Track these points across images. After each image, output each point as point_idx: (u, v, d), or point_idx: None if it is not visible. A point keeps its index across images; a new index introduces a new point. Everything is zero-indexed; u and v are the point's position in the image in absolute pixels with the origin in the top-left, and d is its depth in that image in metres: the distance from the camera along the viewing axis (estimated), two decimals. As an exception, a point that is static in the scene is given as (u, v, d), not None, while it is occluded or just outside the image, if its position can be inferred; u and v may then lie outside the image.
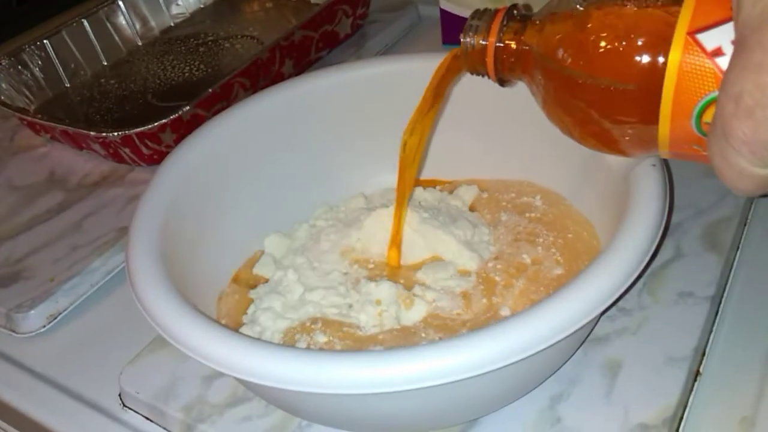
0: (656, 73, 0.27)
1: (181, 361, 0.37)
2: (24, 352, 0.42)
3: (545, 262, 0.36)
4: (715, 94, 0.25)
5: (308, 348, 0.33)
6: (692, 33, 0.26)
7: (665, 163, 0.33)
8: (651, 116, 0.27)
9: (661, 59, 0.26)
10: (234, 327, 0.37)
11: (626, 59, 0.27)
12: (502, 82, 0.34)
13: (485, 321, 0.34)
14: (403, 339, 0.33)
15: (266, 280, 0.39)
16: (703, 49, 0.26)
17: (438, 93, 0.36)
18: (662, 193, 0.31)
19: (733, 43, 0.24)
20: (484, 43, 0.33)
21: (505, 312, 0.34)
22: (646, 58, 0.27)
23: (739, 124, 0.22)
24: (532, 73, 0.32)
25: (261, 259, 0.40)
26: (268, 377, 0.27)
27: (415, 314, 0.35)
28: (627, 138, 0.29)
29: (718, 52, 0.25)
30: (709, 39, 0.26)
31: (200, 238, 0.39)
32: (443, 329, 0.33)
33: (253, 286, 0.39)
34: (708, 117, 0.26)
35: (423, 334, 0.33)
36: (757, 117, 0.22)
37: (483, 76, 0.35)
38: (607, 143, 0.31)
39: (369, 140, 0.44)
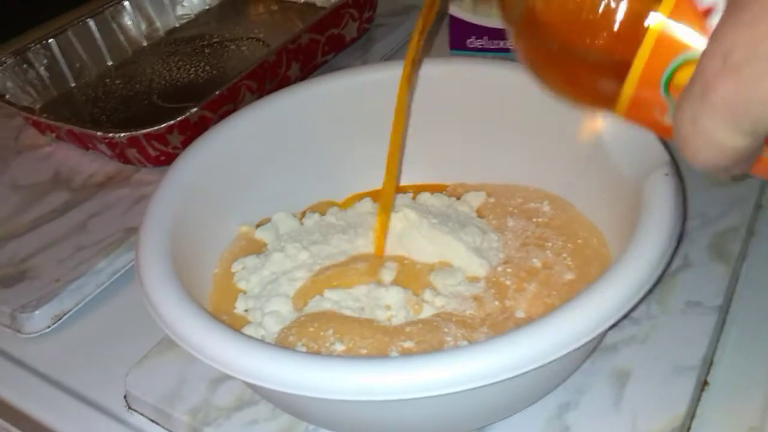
0: (637, 28, 0.25)
1: (187, 364, 0.37)
2: (28, 352, 0.42)
3: (556, 266, 0.36)
4: (695, 53, 0.24)
5: (335, 338, 0.33)
6: None
7: (678, 173, 0.33)
8: (619, 72, 0.26)
9: (646, 14, 0.24)
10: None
11: (605, 18, 0.25)
12: None
13: (503, 321, 0.34)
14: (428, 332, 0.33)
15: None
16: (694, 7, 0.25)
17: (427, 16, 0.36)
18: (676, 203, 0.31)
19: (728, 2, 0.22)
20: None
21: (520, 314, 0.34)
22: (630, 12, 0.25)
23: (724, 81, 0.21)
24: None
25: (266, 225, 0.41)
26: (278, 381, 0.27)
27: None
28: (584, 86, 0.28)
29: (709, 11, 0.24)
30: None
31: (209, 239, 0.39)
32: (463, 325, 0.33)
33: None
34: (679, 79, 0.24)
35: (445, 329, 0.33)
36: (743, 75, 0.20)
37: None
38: (565, 86, 0.29)
39: (376, 144, 0.44)
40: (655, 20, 0.24)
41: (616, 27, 0.25)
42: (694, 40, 0.24)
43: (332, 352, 0.33)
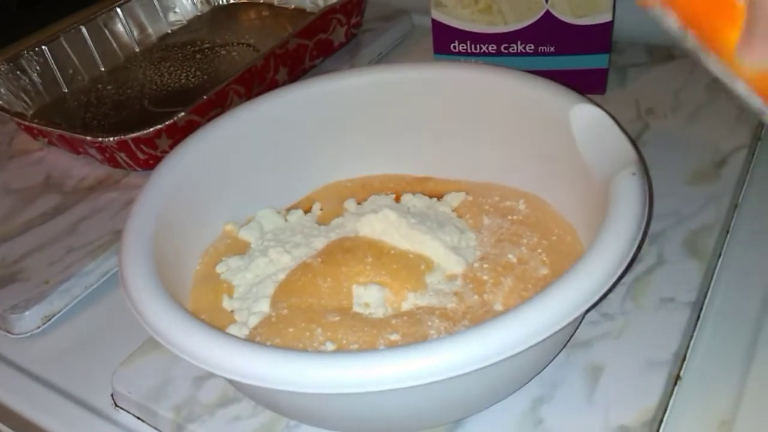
0: None
1: (172, 363, 0.38)
2: (18, 352, 0.42)
3: (531, 261, 0.37)
4: None
5: (324, 332, 0.34)
6: None
7: (646, 172, 0.34)
8: None
9: None
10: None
11: None
12: None
13: (483, 314, 0.35)
14: (413, 325, 0.34)
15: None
16: None
17: None
18: (642, 200, 0.32)
19: None
20: None
21: (498, 308, 0.35)
22: None
23: None
24: None
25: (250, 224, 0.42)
26: (253, 376, 0.28)
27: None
28: None
29: None
30: None
31: (194, 237, 0.40)
32: (446, 318, 0.34)
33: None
34: None
35: (429, 323, 0.34)
36: None
37: None
38: None
39: (361, 147, 0.45)
40: None
41: None
42: None
43: (322, 344, 0.33)
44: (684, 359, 0.37)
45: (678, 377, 0.36)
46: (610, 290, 0.30)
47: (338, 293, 0.36)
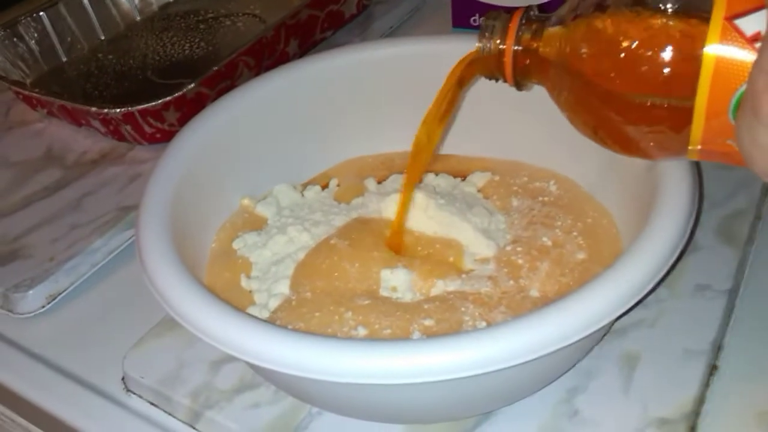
0: (691, 68, 0.26)
1: (187, 346, 0.37)
2: (22, 333, 0.40)
3: (567, 245, 0.36)
4: None
5: (354, 316, 0.33)
6: (729, 18, 0.25)
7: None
8: (684, 117, 0.27)
9: (696, 52, 0.26)
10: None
11: (657, 64, 0.27)
12: (519, 86, 0.33)
13: (520, 300, 0.33)
14: (446, 311, 0.32)
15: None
16: (742, 34, 0.25)
17: (451, 100, 0.35)
18: (693, 186, 0.30)
19: None
20: (502, 46, 0.32)
21: (535, 294, 0.34)
22: (679, 56, 0.26)
23: None
24: (551, 77, 0.31)
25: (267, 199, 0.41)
26: (286, 364, 0.26)
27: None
28: (654, 141, 0.29)
29: (756, 38, 0.25)
30: (747, 24, 0.25)
31: (208, 217, 0.38)
32: (481, 303, 0.33)
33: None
34: None
35: (462, 308, 0.32)
36: None
37: (497, 80, 0.34)
38: (632, 148, 0.30)
39: (381, 123, 0.44)
40: (707, 54, 0.25)
41: (671, 68, 0.27)
42: (747, 68, 0.25)
43: (353, 328, 0.32)
44: (720, 348, 0.35)
45: (715, 367, 0.35)
46: (659, 283, 0.28)
47: (366, 277, 0.34)
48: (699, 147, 0.28)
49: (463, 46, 0.42)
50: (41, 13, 0.59)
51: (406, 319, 0.32)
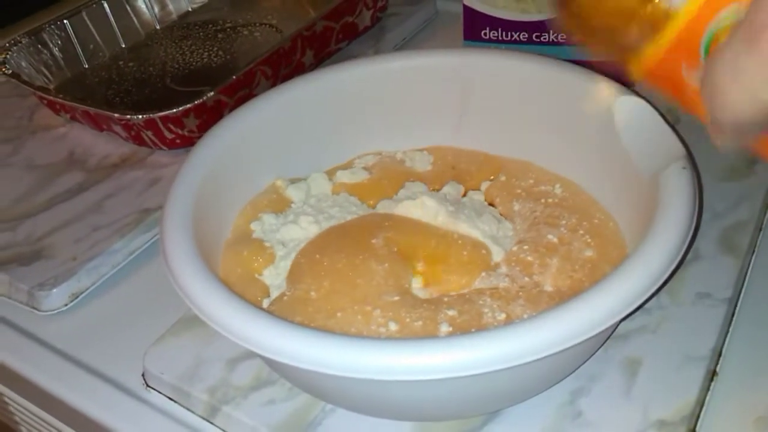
0: None
1: (205, 344, 0.38)
2: (46, 329, 0.42)
3: (574, 242, 0.37)
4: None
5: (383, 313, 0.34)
6: None
7: (694, 167, 0.34)
8: (659, 22, 0.24)
9: None
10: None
11: None
12: None
13: (537, 294, 0.34)
14: (465, 303, 0.33)
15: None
16: None
17: None
18: (694, 195, 0.32)
19: None
20: None
21: (548, 288, 0.35)
22: None
23: None
24: None
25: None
26: (305, 360, 0.28)
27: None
28: (615, 36, 0.26)
29: None
30: None
31: (230, 215, 0.40)
32: (498, 297, 0.34)
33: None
34: (723, 38, 0.23)
35: (480, 302, 0.34)
36: None
37: None
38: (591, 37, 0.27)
39: (393, 132, 0.45)
40: None
41: None
42: None
43: (382, 325, 0.33)
44: (720, 355, 0.37)
45: (714, 372, 0.36)
46: (660, 288, 0.30)
47: (394, 274, 0.35)
48: (649, 67, 0.25)
49: (478, 58, 0.44)
50: (65, 21, 0.61)
51: (432, 310, 0.33)
